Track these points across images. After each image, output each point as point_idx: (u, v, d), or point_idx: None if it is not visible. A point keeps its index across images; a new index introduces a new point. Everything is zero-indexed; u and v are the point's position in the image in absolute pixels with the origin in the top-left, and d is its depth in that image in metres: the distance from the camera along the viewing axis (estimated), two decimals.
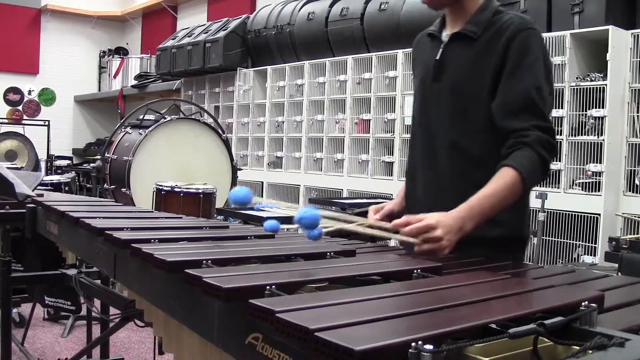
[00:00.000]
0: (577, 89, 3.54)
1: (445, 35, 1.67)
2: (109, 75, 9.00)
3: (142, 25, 9.66)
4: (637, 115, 3.40)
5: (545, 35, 3.67)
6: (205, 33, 6.48)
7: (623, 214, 3.34)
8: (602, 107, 3.41)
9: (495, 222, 1.51)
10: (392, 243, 1.73)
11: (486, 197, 1.43)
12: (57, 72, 9.41)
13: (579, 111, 3.55)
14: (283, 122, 5.62)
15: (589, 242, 3.43)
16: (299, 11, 5.64)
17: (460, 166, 1.58)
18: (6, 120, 8.54)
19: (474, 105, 1.57)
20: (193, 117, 4.60)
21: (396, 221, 1.42)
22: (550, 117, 1.54)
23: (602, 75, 3.47)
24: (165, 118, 4.27)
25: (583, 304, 0.83)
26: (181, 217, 1.97)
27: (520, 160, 1.44)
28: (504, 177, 1.44)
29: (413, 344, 0.66)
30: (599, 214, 3.36)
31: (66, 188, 4.37)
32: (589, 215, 3.41)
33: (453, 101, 1.60)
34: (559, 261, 3.56)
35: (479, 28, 1.58)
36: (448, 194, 1.54)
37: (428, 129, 1.67)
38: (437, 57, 1.64)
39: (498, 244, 1.54)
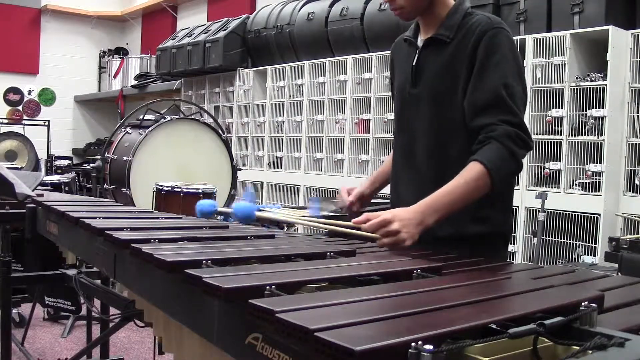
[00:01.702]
0: (577, 89, 3.54)
1: (420, 40, 1.72)
2: (109, 75, 9.00)
3: (142, 25, 9.66)
4: (637, 115, 3.40)
5: (545, 35, 3.67)
6: (205, 33, 6.48)
7: (623, 214, 3.34)
8: (602, 107, 3.41)
9: (478, 219, 1.57)
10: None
11: (448, 191, 1.47)
12: (57, 72, 9.41)
13: (579, 111, 3.55)
14: (283, 122, 5.62)
15: (589, 242, 3.43)
16: (299, 11, 5.64)
17: (440, 167, 1.63)
18: (6, 120, 8.54)
19: (451, 108, 1.62)
20: (193, 117, 4.60)
21: (356, 219, 1.48)
22: (523, 112, 1.58)
23: (602, 75, 3.47)
24: (165, 118, 4.27)
25: (583, 304, 0.83)
26: (181, 217, 1.97)
27: (487, 154, 1.48)
28: (468, 172, 1.48)
29: (413, 344, 0.66)
30: (599, 214, 3.36)
31: (66, 188, 4.37)
32: (589, 215, 3.41)
33: (431, 105, 1.65)
34: (559, 261, 3.56)
35: (450, 31, 1.63)
36: (425, 193, 1.56)
37: (408, 133, 1.72)
38: (414, 63, 1.69)
39: (481, 241, 1.59)
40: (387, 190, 1.89)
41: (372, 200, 1.94)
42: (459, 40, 1.61)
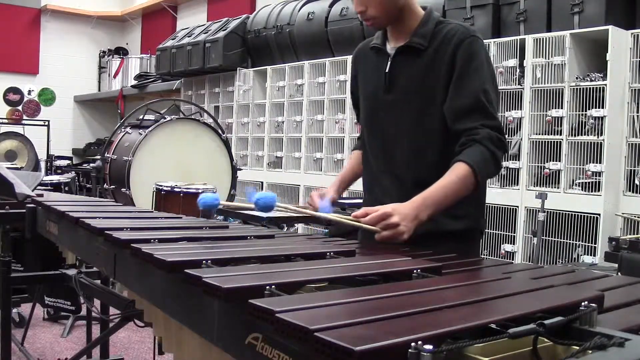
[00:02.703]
0: (577, 89, 3.54)
1: (391, 48, 1.76)
2: (109, 75, 9.00)
3: (142, 25, 9.66)
4: (637, 115, 3.40)
5: (545, 35, 3.67)
6: (205, 33, 6.48)
7: (623, 214, 3.34)
8: (602, 107, 3.41)
9: (457, 217, 1.66)
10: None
11: (439, 189, 1.54)
12: (57, 72, 9.41)
13: (579, 111, 3.55)
14: (283, 122, 5.62)
15: (588, 242, 3.43)
16: (298, 11, 5.64)
17: (420, 171, 1.69)
18: (6, 120, 8.54)
19: (427, 113, 1.68)
20: (193, 117, 4.60)
21: (355, 213, 1.53)
22: (497, 116, 1.66)
23: (602, 75, 3.47)
24: (165, 118, 4.27)
25: (583, 304, 0.83)
26: (181, 217, 1.97)
27: (472, 155, 1.56)
28: (456, 171, 1.55)
29: (413, 344, 0.66)
30: (599, 214, 3.36)
31: (66, 188, 4.37)
32: (588, 215, 3.41)
33: (407, 111, 1.70)
34: (559, 261, 3.56)
35: (424, 40, 1.69)
36: (406, 198, 1.59)
37: (383, 139, 1.77)
38: (387, 70, 1.73)
39: (461, 235, 1.69)
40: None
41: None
42: (434, 48, 1.67)
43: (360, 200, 2.04)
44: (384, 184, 1.78)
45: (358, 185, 1.98)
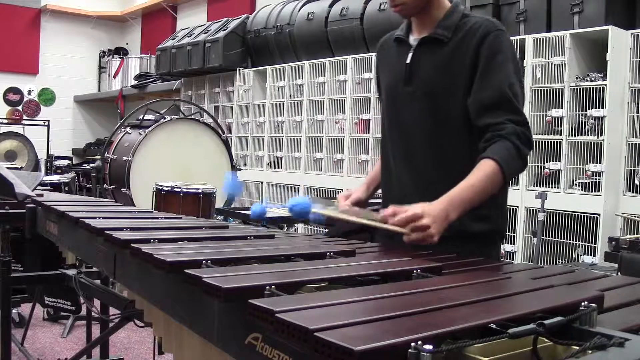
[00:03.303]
0: (576, 89, 3.54)
1: (414, 39, 1.72)
2: (109, 75, 9.00)
3: (142, 25, 9.66)
4: (637, 115, 3.40)
5: (545, 35, 3.67)
6: (205, 33, 6.48)
7: (623, 214, 3.34)
8: (602, 107, 3.41)
9: (479, 218, 1.60)
10: None
11: (467, 187, 1.48)
12: (57, 72, 9.41)
13: (579, 111, 3.55)
14: (283, 122, 5.62)
15: (588, 242, 3.43)
16: (298, 11, 5.64)
17: (438, 165, 1.65)
18: (6, 120, 8.54)
19: (448, 106, 1.64)
20: (193, 117, 4.60)
21: (384, 211, 1.47)
22: (523, 111, 1.61)
23: (602, 75, 3.47)
24: (165, 118, 4.26)
25: (583, 304, 0.83)
26: (181, 217, 1.97)
27: (498, 152, 1.51)
28: (484, 168, 1.50)
29: (413, 344, 0.66)
30: (599, 214, 3.36)
31: (66, 188, 4.37)
32: (588, 215, 3.41)
33: (427, 103, 1.66)
34: (559, 261, 3.56)
35: (448, 31, 1.65)
36: (426, 193, 1.56)
37: (402, 132, 1.73)
38: (408, 61, 1.70)
39: (483, 238, 1.63)
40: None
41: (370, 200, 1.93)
42: (458, 40, 1.63)
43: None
44: (402, 178, 1.73)
45: (357, 185, 1.96)
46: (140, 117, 4.34)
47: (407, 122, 1.71)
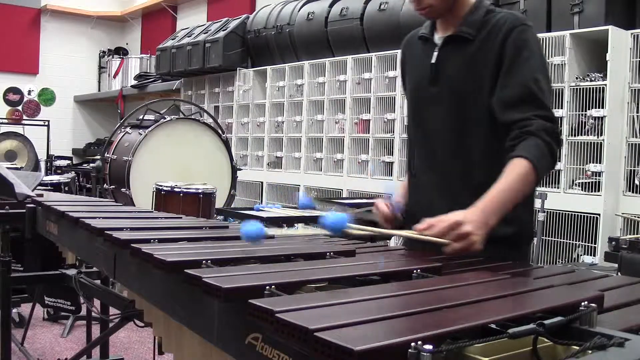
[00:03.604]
0: (576, 89, 3.54)
1: (438, 38, 1.67)
2: (109, 75, 9.00)
3: (142, 25, 9.65)
4: (637, 115, 3.40)
5: (545, 35, 3.67)
6: (205, 33, 6.48)
7: (623, 214, 3.34)
8: (602, 107, 3.41)
9: (506, 220, 1.50)
10: (391, 243, 1.75)
11: (504, 190, 1.41)
12: (57, 72, 9.41)
13: (579, 111, 3.55)
14: (283, 122, 5.62)
15: (588, 242, 3.43)
16: (298, 11, 5.64)
17: (462, 166, 1.59)
18: (6, 120, 8.54)
19: (473, 105, 1.58)
20: (193, 117, 4.60)
21: (418, 226, 1.39)
22: (552, 107, 1.54)
23: (601, 75, 3.47)
24: (165, 118, 4.27)
25: (583, 304, 0.83)
26: (181, 217, 1.97)
27: (529, 149, 1.44)
28: (517, 168, 1.43)
29: (413, 344, 0.66)
30: (599, 214, 3.36)
31: (66, 188, 4.37)
32: (588, 215, 3.41)
33: (452, 102, 1.61)
34: (559, 261, 3.56)
35: (473, 29, 1.60)
36: (451, 194, 1.53)
37: (427, 132, 1.68)
38: (433, 61, 1.65)
39: (512, 241, 1.55)
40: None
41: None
42: (483, 37, 1.58)
43: (361, 200, 2.01)
44: (427, 180, 1.67)
45: (359, 186, 1.96)
46: (140, 117, 4.34)
47: (432, 123, 1.66)
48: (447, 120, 1.62)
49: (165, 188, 3.34)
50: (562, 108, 3.55)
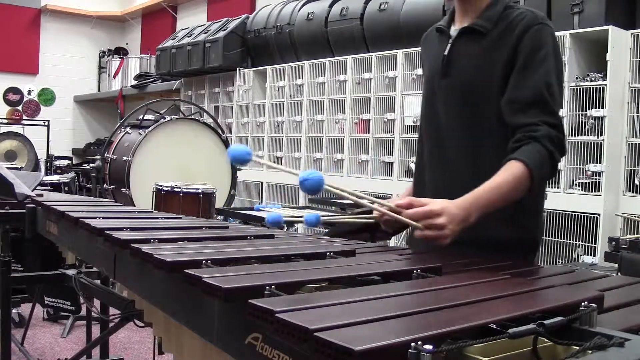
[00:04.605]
0: (576, 89, 3.54)
1: (454, 30, 1.64)
2: (109, 75, 9.00)
3: (142, 25, 9.65)
4: (637, 115, 3.40)
5: None
6: (205, 33, 6.48)
7: (623, 214, 3.34)
8: (602, 107, 3.41)
9: (511, 224, 1.49)
10: (391, 243, 1.74)
11: (493, 188, 1.39)
12: (56, 72, 9.41)
13: (579, 111, 3.55)
14: (283, 122, 5.62)
15: (588, 242, 3.43)
16: (298, 11, 5.64)
17: (472, 163, 1.56)
18: (6, 120, 8.54)
19: (484, 101, 1.55)
20: (193, 117, 4.60)
21: (398, 201, 1.39)
22: (559, 113, 1.52)
23: (602, 75, 3.47)
24: (165, 118, 4.27)
25: (583, 304, 0.83)
26: (181, 217, 1.97)
27: (528, 154, 1.41)
28: (511, 170, 1.40)
29: (413, 344, 0.66)
30: (599, 214, 3.36)
31: (66, 188, 4.38)
32: (588, 215, 3.41)
33: (462, 97, 1.57)
34: (559, 261, 3.56)
35: (489, 23, 1.56)
36: (459, 191, 1.52)
37: (437, 126, 1.64)
38: (446, 53, 1.61)
39: (513, 246, 1.52)
40: (386, 190, 1.87)
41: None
42: (498, 32, 1.55)
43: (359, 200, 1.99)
44: (436, 177, 1.64)
45: (359, 187, 1.96)
46: (140, 117, 4.34)
47: (442, 116, 1.62)
48: (456, 115, 1.59)
49: (165, 188, 3.34)
50: (562, 108, 3.55)
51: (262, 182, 5.78)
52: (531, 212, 1.57)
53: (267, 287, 0.91)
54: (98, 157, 5.34)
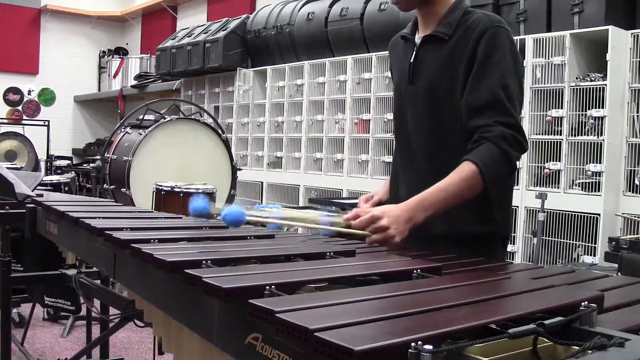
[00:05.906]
0: (576, 89, 3.54)
1: (418, 37, 1.70)
2: (109, 75, 9.00)
3: (142, 25, 9.66)
4: (637, 115, 3.40)
5: (545, 35, 3.67)
6: (205, 33, 6.48)
7: (623, 214, 3.34)
8: (602, 107, 3.41)
9: (479, 219, 1.58)
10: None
11: (440, 189, 1.48)
12: (57, 72, 9.41)
13: (579, 111, 3.55)
14: (283, 122, 5.62)
15: (588, 242, 3.43)
16: (298, 11, 5.64)
17: (439, 166, 1.60)
18: (6, 120, 8.54)
19: (448, 106, 1.60)
20: (193, 117, 4.60)
21: (346, 215, 1.49)
22: (519, 114, 1.57)
23: (602, 75, 3.47)
24: (165, 118, 4.27)
25: (583, 304, 0.83)
26: (181, 217, 1.97)
27: (480, 154, 1.48)
28: (461, 171, 1.48)
29: (413, 344, 0.66)
30: (599, 214, 3.36)
31: (66, 188, 4.38)
32: (588, 215, 3.41)
33: (428, 103, 1.64)
34: (559, 261, 3.56)
35: (449, 29, 1.61)
36: None
37: (406, 131, 1.71)
38: (411, 60, 1.68)
39: (483, 240, 1.60)
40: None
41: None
42: (457, 38, 1.59)
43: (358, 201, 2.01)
44: (405, 180, 1.72)
45: (359, 186, 1.97)
46: (140, 117, 4.34)
47: (410, 122, 1.69)
48: (423, 120, 1.66)
49: (165, 188, 3.35)
50: (562, 108, 3.55)
51: (262, 182, 5.78)
52: (498, 208, 1.64)
53: (267, 287, 0.91)
54: (98, 157, 5.34)
